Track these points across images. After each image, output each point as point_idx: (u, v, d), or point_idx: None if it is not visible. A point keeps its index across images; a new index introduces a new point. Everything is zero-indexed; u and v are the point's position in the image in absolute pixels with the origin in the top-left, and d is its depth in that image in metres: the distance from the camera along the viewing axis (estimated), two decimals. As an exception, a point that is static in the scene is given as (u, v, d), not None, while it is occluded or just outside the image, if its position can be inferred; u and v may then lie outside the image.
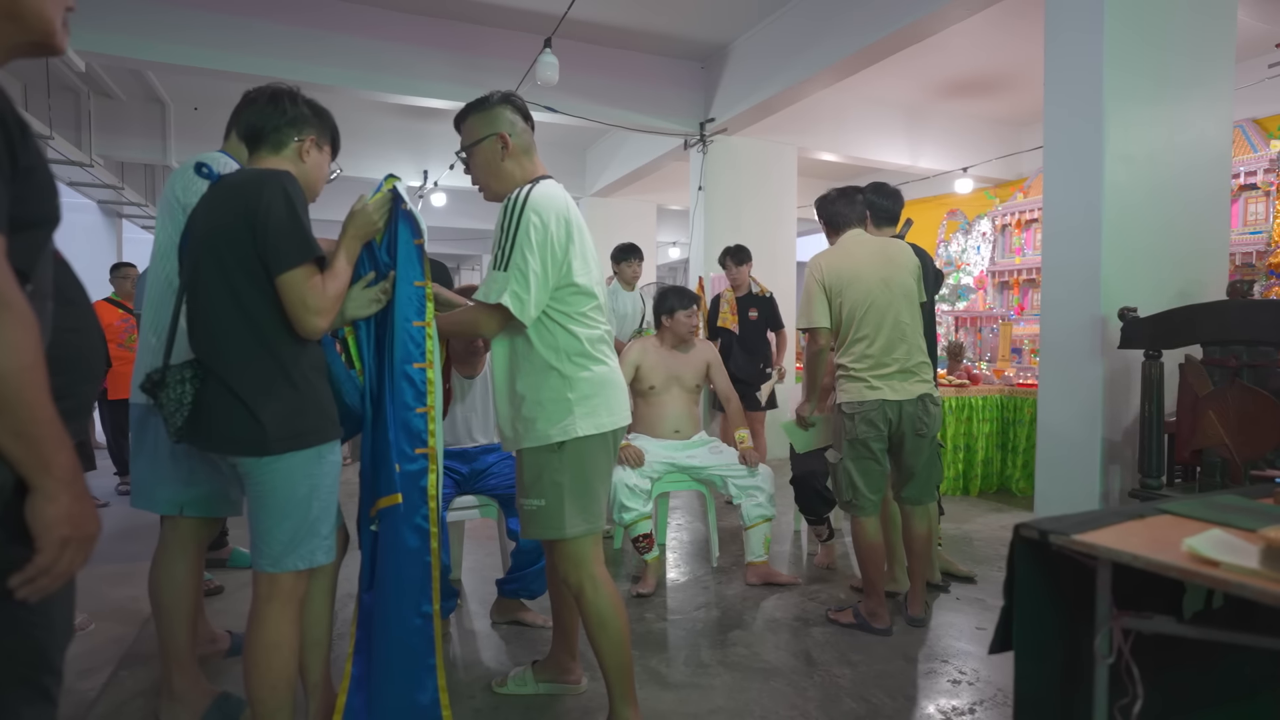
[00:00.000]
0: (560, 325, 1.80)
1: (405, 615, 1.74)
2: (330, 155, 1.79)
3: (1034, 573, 1.23)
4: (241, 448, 1.54)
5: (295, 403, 1.56)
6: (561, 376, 1.79)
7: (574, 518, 1.82)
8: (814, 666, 2.43)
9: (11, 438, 0.86)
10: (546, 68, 4.13)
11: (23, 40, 0.97)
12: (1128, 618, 1.16)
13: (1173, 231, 3.15)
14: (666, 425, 3.36)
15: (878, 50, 4.48)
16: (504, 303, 1.71)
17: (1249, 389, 2.47)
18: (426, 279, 1.78)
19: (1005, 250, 7.45)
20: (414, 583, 1.74)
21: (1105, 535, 1.15)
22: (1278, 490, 1.39)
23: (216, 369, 1.54)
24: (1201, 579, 0.97)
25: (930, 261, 3.01)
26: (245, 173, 1.63)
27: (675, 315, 3.35)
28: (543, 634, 2.70)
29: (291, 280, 1.51)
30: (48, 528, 0.89)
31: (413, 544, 1.74)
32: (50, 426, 0.89)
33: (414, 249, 1.77)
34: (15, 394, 0.85)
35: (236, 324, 1.53)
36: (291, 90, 1.70)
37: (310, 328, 1.55)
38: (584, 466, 1.83)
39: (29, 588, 0.89)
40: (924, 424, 2.65)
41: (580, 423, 1.80)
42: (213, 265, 1.54)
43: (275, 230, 1.50)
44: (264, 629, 1.60)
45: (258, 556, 1.61)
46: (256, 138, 1.67)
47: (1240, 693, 1.41)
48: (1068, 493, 3.06)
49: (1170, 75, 3.14)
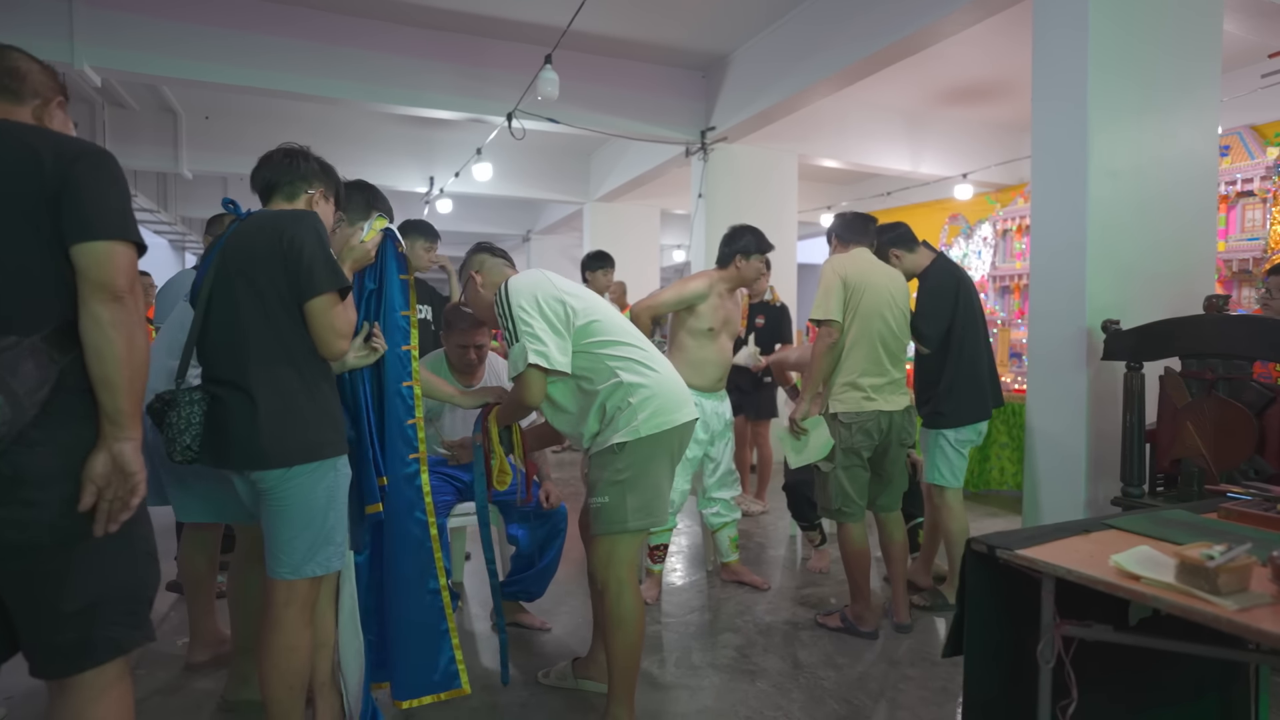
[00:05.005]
0: (600, 353, 2.00)
1: (416, 593, 2.00)
2: (334, 207, 1.94)
3: (984, 583, 1.32)
4: (265, 461, 1.64)
5: (313, 417, 1.69)
6: (620, 385, 1.99)
7: (635, 513, 1.98)
8: (800, 669, 2.52)
9: (133, 395, 1.23)
10: (547, 84, 4.22)
11: None
12: (1069, 626, 1.24)
13: (1158, 244, 3.20)
14: (713, 372, 3.13)
15: (878, 60, 4.54)
16: (531, 362, 1.94)
17: (1224, 401, 2.54)
18: (411, 309, 2.00)
19: (1006, 255, 7.50)
20: (420, 565, 2.00)
21: (1048, 550, 1.23)
22: (1223, 505, 1.47)
23: (244, 386, 1.65)
24: (1124, 592, 1.06)
25: (966, 278, 3.09)
26: (277, 211, 1.77)
27: (752, 259, 3.13)
28: (540, 636, 2.80)
29: (321, 305, 1.67)
30: (140, 466, 1.24)
31: (415, 534, 1.99)
32: (143, 394, 1.28)
33: (401, 284, 2.00)
34: (144, 361, 1.25)
35: (268, 344, 1.66)
36: (304, 149, 1.87)
37: (336, 350, 1.72)
38: (645, 463, 1.99)
39: (116, 520, 1.23)
40: (908, 434, 2.76)
41: (644, 424, 1.97)
42: (246, 289, 1.66)
43: (309, 259, 1.65)
44: (282, 633, 1.71)
45: (276, 565, 1.71)
46: (271, 189, 1.82)
47: (1187, 696, 1.49)
48: (1054, 500, 3.13)
49: (1156, 88, 3.19)
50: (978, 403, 3.01)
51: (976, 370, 3.01)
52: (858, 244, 2.89)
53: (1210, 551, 0.99)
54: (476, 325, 2.78)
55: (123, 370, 1.20)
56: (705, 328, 3.06)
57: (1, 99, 1.31)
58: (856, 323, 2.72)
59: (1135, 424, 2.79)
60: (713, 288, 3.07)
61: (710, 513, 3.28)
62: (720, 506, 3.26)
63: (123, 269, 1.22)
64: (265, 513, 1.71)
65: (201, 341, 1.72)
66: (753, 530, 4.22)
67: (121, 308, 1.21)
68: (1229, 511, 1.40)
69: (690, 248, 6.58)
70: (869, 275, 2.76)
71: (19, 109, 1.33)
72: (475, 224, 10.57)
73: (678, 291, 3.07)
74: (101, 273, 1.20)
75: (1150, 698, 1.47)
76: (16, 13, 4.22)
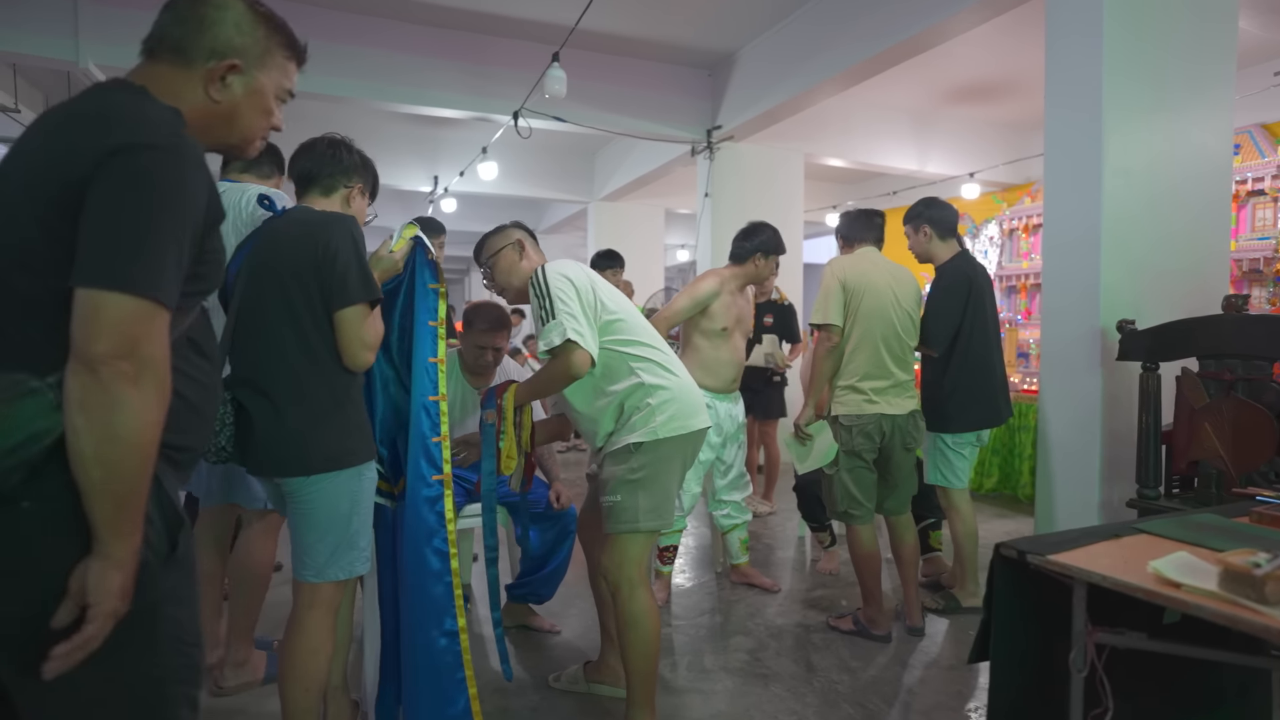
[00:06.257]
0: (622, 352, 1.99)
1: (432, 634, 1.85)
2: (369, 201, 1.92)
3: (1011, 589, 1.29)
4: (289, 469, 1.63)
5: (341, 425, 1.67)
6: (642, 385, 1.97)
7: (647, 514, 1.96)
8: (813, 672, 2.49)
9: (109, 500, 0.87)
10: (554, 82, 4.19)
11: (227, 144, 1.12)
12: (1101, 633, 1.21)
13: (1172, 243, 3.17)
14: (728, 373, 3.07)
15: (885, 59, 4.51)
16: (570, 338, 1.87)
17: (1244, 402, 2.51)
18: (440, 320, 1.92)
19: (1013, 254, 7.45)
20: (438, 601, 1.85)
21: (1080, 555, 1.20)
22: (1255, 509, 1.44)
23: (271, 391, 1.63)
24: (1164, 600, 1.03)
25: (981, 281, 3.03)
26: (313, 213, 1.74)
27: (770, 259, 3.08)
28: (549, 638, 2.77)
29: (352, 315, 1.63)
30: (108, 594, 0.87)
31: (435, 566, 1.85)
32: (142, 499, 0.90)
33: (430, 293, 1.92)
34: (134, 462, 0.88)
35: (297, 351, 1.63)
36: (347, 141, 1.84)
37: (362, 361, 1.69)
38: (660, 465, 1.97)
39: (65, 660, 0.85)
40: (913, 438, 2.74)
41: (661, 427, 1.95)
42: (277, 294, 1.64)
43: (343, 268, 1.62)
44: (305, 635, 1.71)
45: (301, 568, 1.72)
46: (309, 180, 1.80)
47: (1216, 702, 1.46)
48: (1067, 501, 3.10)
49: (1170, 86, 3.16)
50: (980, 410, 2.97)
51: (982, 376, 2.97)
52: (862, 242, 2.87)
53: (1256, 559, 0.96)
54: (497, 327, 2.73)
55: (90, 469, 0.86)
56: (719, 328, 3.01)
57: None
58: (858, 325, 2.69)
59: (1151, 425, 2.76)
60: (724, 286, 3.02)
61: (721, 514, 3.25)
62: (731, 509, 3.23)
63: (108, 327, 0.86)
64: (290, 516, 1.72)
65: (232, 342, 1.71)
66: (761, 531, 4.19)
67: (96, 382, 0.85)
68: (1263, 516, 1.37)
69: (696, 247, 6.55)
70: (870, 276, 2.72)
71: None
72: (479, 222, 10.54)
73: (690, 296, 3.03)
74: (77, 330, 0.87)
75: (1171, 705, 1.44)
76: (21, 10, 4.20)
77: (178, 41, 1.03)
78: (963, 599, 3.00)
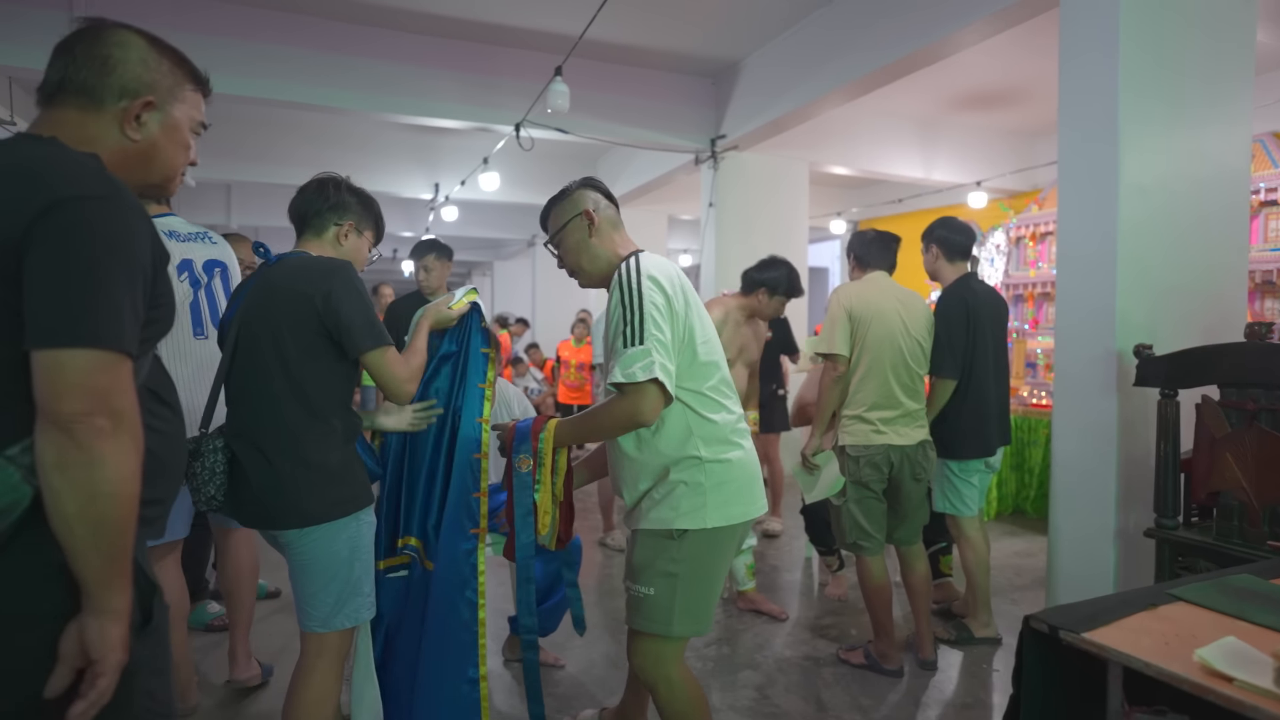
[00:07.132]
0: (689, 406, 1.63)
1: (453, 682, 1.85)
2: (372, 240, 1.87)
3: (1041, 663, 1.23)
4: (284, 521, 1.61)
5: (336, 472, 1.65)
6: (698, 461, 1.63)
7: (683, 616, 1.65)
8: (824, 711, 2.43)
9: (98, 556, 0.86)
10: (557, 97, 4.13)
11: (149, 183, 1.08)
12: (1139, 713, 1.15)
13: (1189, 262, 3.10)
14: None
15: (894, 70, 4.44)
16: (658, 377, 1.51)
17: (1267, 433, 2.44)
18: (489, 383, 1.94)
19: (1020, 263, 7.37)
20: (463, 648, 1.85)
21: (1116, 634, 1.14)
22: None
23: (264, 444, 1.61)
24: (1215, 697, 0.96)
25: (980, 307, 2.97)
26: (309, 260, 1.72)
27: (775, 298, 3.01)
28: (553, 672, 2.71)
29: (373, 360, 1.66)
30: (111, 649, 0.87)
31: (464, 616, 1.86)
32: (130, 550, 0.90)
33: (481, 357, 1.96)
34: (119, 515, 0.87)
35: (292, 402, 1.61)
36: (337, 179, 1.81)
37: (403, 394, 1.71)
38: (705, 560, 1.66)
39: (84, 716, 0.85)
40: (923, 469, 2.67)
41: (712, 513, 1.62)
42: (270, 346, 1.62)
43: (346, 322, 1.61)
44: (312, 686, 1.69)
45: (306, 619, 1.69)
46: (301, 222, 1.79)
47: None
48: (1082, 529, 3.03)
49: (1187, 102, 3.09)
50: (979, 439, 2.92)
51: (980, 406, 2.91)
52: (875, 267, 2.81)
53: (1315, 656, 0.90)
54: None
55: (76, 528, 0.84)
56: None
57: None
58: (865, 354, 2.63)
59: (1170, 453, 2.69)
60: (728, 316, 2.98)
61: None
62: None
63: (75, 384, 0.83)
64: (290, 566, 1.68)
65: (226, 393, 1.69)
66: (767, 552, 4.12)
67: (71, 441, 0.83)
68: (1303, 580, 1.30)
69: (701, 256, 6.48)
70: (877, 304, 2.66)
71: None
72: (479, 229, 10.49)
73: None
74: (42, 392, 0.84)
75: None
76: (17, 20, 4.15)
77: (83, 84, 0.99)
78: (975, 629, 2.94)
